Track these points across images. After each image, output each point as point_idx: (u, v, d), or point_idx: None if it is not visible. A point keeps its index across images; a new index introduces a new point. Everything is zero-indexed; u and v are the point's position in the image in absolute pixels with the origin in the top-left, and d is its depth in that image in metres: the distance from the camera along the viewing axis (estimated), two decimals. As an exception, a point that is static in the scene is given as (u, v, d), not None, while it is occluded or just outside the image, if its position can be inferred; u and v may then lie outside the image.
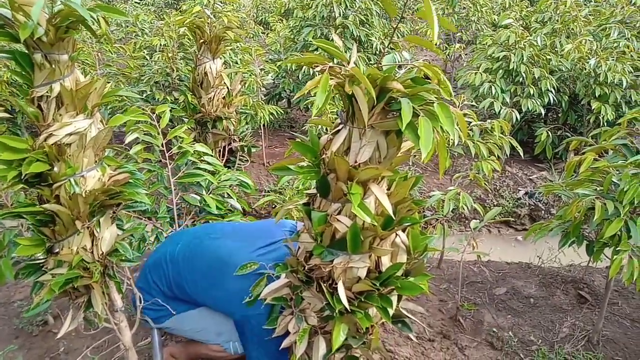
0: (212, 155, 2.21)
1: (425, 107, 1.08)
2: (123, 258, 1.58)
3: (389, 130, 1.18)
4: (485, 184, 2.55)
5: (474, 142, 2.44)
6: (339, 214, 1.27)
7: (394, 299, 1.39)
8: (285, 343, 1.47)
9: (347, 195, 1.22)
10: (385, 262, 1.32)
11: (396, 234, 1.33)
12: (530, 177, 4.63)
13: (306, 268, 1.38)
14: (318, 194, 1.33)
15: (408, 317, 1.52)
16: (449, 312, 2.67)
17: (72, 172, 1.41)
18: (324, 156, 1.27)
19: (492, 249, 3.57)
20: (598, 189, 2.09)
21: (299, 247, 1.44)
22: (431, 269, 3.13)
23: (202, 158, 2.17)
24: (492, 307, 2.73)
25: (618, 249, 1.83)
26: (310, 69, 4.72)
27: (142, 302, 1.86)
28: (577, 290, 2.83)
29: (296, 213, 2.18)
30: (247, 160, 3.32)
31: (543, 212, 4.33)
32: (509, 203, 4.31)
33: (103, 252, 1.56)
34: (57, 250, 1.52)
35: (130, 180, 1.58)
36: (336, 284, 1.33)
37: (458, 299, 2.64)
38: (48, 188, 1.42)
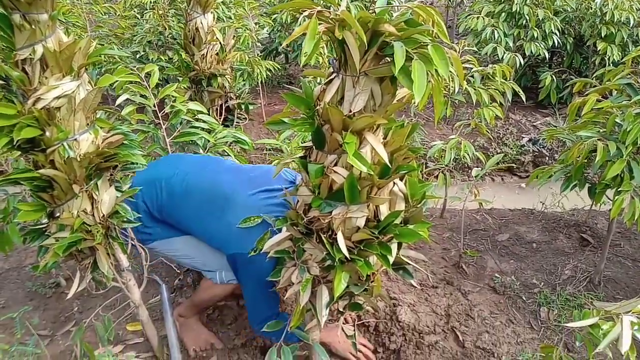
0: (206, 113, 2.18)
1: (419, 50, 1.04)
2: (124, 220, 1.59)
3: (383, 77, 1.15)
4: (487, 131, 2.51)
5: (474, 89, 2.39)
6: (335, 165, 1.26)
7: (394, 247, 1.41)
8: (289, 293, 1.50)
9: (342, 146, 1.20)
10: (384, 210, 1.32)
11: (394, 183, 1.32)
12: (534, 124, 4.57)
13: (305, 220, 1.39)
14: (314, 146, 1.31)
15: (409, 264, 1.54)
16: (452, 259, 2.71)
17: (65, 136, 1.40)
18: (318, 107, 1.25)
19: (495, 197, 3.57)
20: (601, 130, 2.06)
21: (298, 200, 1.44)
22: (434, 219, 3.15)
23: (196, 117, 2.14)
24: (495, 253, 2.76)
25: (620, 189, 1.82)
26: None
27: (148, 261, 1.89)
28: (580, 233, 2.85)
29: (294, 166, 2.17)
30: (246, 118, 3.28)
31: (547, 158, 4.30)
32: (513, 150, 4.27)
33: (104, 215, 1.57)
34: (57, 214, 1.53)
35: (125, 142, 1.56)
36: (335, 234, 1.33)
37: (461, 246, 2.67)
38: (42, 153, 1.41)
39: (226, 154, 2.37)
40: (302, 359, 2.04)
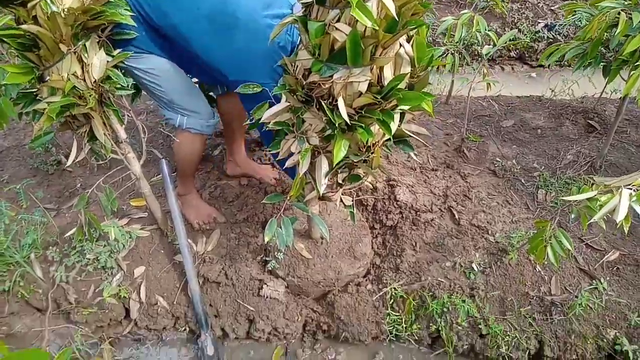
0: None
1: None
2: (117, 86, 1.53)
3: None
4: (502, 7, 2.33)
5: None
6: (337, 21, 1.16)
7: (397, 117, 1.36)
8: (288, 163, 1.49)
9: (346, -3, 1.10)
10: (388, 75, 1.25)
11: (400, 44, 1.23)
12: (552, 8, 4.26)
13: (305, 87, 1.32)
14: (315, 2, 1.20)
15: (411, 136, 1.51)
16: (454, 144, 2.69)
17: (45, -12, 1.28)
18: (319, -46, 1.12)
19: (503, 85, 3.45)
20: (625, 2, 1.89)
21: (297, 65, 1.36)
22: (438, 105, 3.07)
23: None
24: (498, 138, 2.73)
25: (637, 64, 1.72)
26: None
27: (146, 134, 1.87)
28: (587, 120, 2.79)
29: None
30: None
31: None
32: (526, 37, 4.03)
33: (95, 80, 1.51)
34: (47, 78, 1.46)
35: (111, 0, 1.44)
36: (336, 100, 1.28)
37: (464, 130, 2.63)
38: (23, 8, 1.30)
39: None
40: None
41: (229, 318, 2.06)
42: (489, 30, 2.42)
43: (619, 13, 1.75)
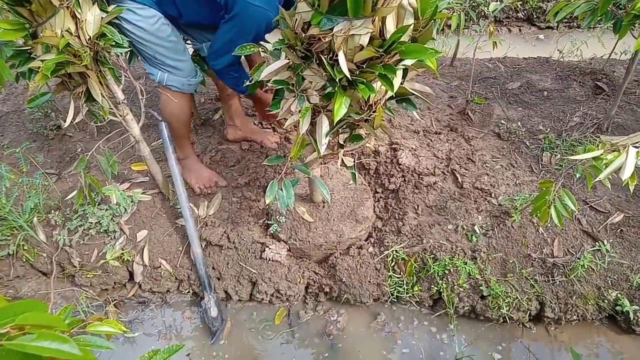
0: None
1: None
2: (112, 43, 1.48)
3: None
4: (511, -39, 2.23)
5: None
6: (337, -31, 1.11)
7: (399, 73, 1.32)
8: (288, 122, 1.46)
9: (346, -57, 1.04)
10: (390, 28, 1.20)
11: (403, -5, 1.18)
12: (563, -34, 4.11)
13: (304, 41, 1.28)
14: (314, -52, 1.14)
15: (414, 94, 1.47)
16: (458, 107, 2.64)
17: (30, -64, 1.22)
18: None
19: (510, 47, 3.37)
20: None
21: (296, 19, 1.31)
22: (443, 67, 3.00)
23: None
24: (503, 101, 2.67)
25: (651, 19, 1.66)
26: None
27: (144, 96, 1.83)
28: (595, 81, 2.72)
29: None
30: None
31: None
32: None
33: (90, 37, 1.46)
34: (40, 35, 1.42)
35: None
36: (336, 55, 1.24)
37: (468, 93, 2.58)
38: (9, -41, 1.25)
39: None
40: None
41: (231, 280, 2.07)
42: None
43: (633, -36, 1.67)
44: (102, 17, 1.47)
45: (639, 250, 1.98)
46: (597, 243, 2.00)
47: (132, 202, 2.13)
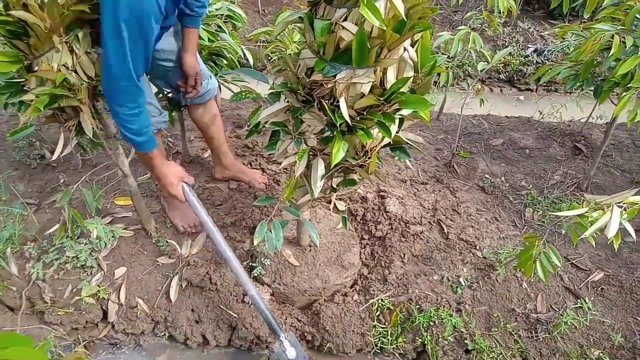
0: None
1: None
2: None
3: None
4: (497, 25, 2.37)
5: (490, -25, 2.21)
6: (344, 20, 1.16)
7: (396, 122, 1.36)
8: (284, 163, 1.46)
9: (354, -3, 1.10)
10: (391, 78, 1.24)
11: (404, 49, 1.23)
12: (542, 34, 4.38)
13: (307, 86, 1.31)
14: (323, 0, 1.20)
15: (407, 144, 1.50)
16: (444, 159, 2.70)
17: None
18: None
19: (492, 106, 3.51)
20: (618, 27, 1.95)
21: (299, 65, 1.34)
22: (430, 120, 3.09)
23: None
24: (487, 156, 2.75)
25: (629, 85, 1.76)
26: None
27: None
28: (574, 142, 2.84)
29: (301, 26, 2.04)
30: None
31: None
32: (516, 60, 4.12)
33: (87, 75, 1.47)
34: (36, 68, 1.42)
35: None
36: (337, 101, 1.27)
37: (454, 146, 2.65)
38: (11, -8, 1.27)
39: (220, 30, 2.22)
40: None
41: (210, 324, 1.99)
42: (482, 49, 2.46)
43: (612, 36, 1.80)
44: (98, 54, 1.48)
45: (620, 309, 2.00)
46: (579, 300, 2.01)
47: (113, 237, 2.07)
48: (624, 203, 1.46)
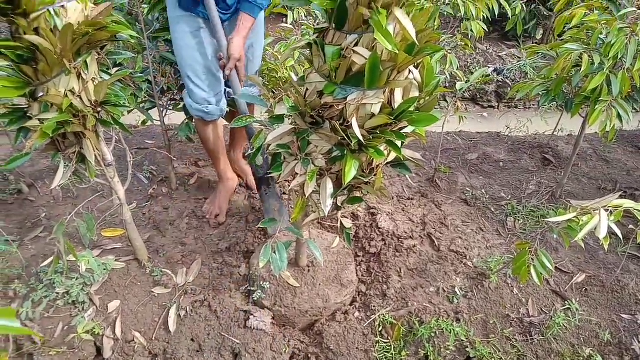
0: None
1: None
2: (119, 103, 1.48)
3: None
4: (471, 48, 2.52)
5: (464, 1, 2.36)
6: (355, 46, 1.22)
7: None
8: (293, 184, 1.49)
9: (366, 23, 1.16)
10: (399, 98, 1.31)
11: (409, 71, 1.30)
12: (500, 55, 4.66)
13: (318, 109, 1.35)
14: (332, 26, 1.25)
15: (408, 160, 1.57)
16: (426, 175, 2.80)
17: (52, 1, 1.24)
18: (340, -19, 1.18)
19: (460, 123, 3.67)
20: (583, 46, 2.12)
21: (307, 88, 1.39)
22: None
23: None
24: (466, 170, 2.88)
25: (600, 99, 1.91)
26: None
27: (132, 158, 1.80)
28: (543, 154, 3.02)
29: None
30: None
31: (509, 88, 4.44)
32: (478, 80, 4.36)
33: (94, 100, 1.45)
34: (40, 94, 1.40)
35: (113, 13, 1.42)
36: (347, 122, 1.32)
37: (436, 162, 2.76)
38: (24, 18, 1.25)
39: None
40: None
41: (212, 352, 1.95)
42: (457, 71, 2.61)
43: (580, 55, 1.96)
44: (104, 80, 1.48)
45: (604, 308, 2.12)
46: (566, 302, 2.12)
47: (105, 269, 2.01)
48: (609, 207, 1.58)
